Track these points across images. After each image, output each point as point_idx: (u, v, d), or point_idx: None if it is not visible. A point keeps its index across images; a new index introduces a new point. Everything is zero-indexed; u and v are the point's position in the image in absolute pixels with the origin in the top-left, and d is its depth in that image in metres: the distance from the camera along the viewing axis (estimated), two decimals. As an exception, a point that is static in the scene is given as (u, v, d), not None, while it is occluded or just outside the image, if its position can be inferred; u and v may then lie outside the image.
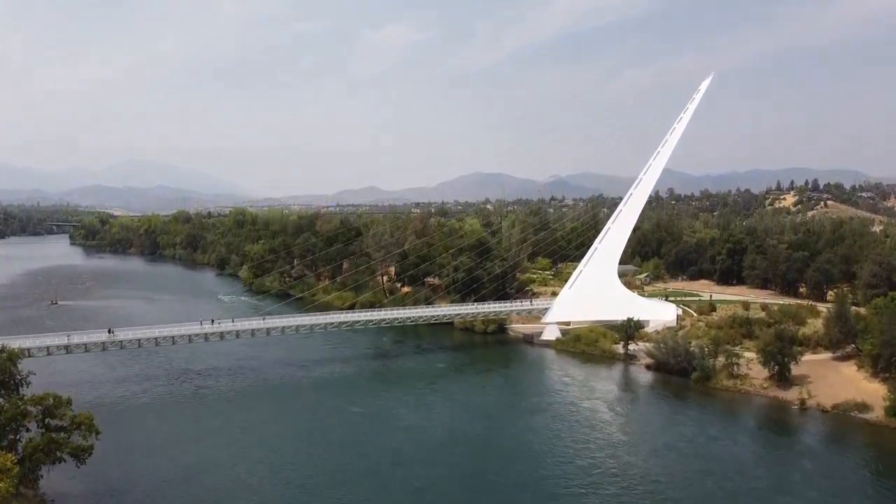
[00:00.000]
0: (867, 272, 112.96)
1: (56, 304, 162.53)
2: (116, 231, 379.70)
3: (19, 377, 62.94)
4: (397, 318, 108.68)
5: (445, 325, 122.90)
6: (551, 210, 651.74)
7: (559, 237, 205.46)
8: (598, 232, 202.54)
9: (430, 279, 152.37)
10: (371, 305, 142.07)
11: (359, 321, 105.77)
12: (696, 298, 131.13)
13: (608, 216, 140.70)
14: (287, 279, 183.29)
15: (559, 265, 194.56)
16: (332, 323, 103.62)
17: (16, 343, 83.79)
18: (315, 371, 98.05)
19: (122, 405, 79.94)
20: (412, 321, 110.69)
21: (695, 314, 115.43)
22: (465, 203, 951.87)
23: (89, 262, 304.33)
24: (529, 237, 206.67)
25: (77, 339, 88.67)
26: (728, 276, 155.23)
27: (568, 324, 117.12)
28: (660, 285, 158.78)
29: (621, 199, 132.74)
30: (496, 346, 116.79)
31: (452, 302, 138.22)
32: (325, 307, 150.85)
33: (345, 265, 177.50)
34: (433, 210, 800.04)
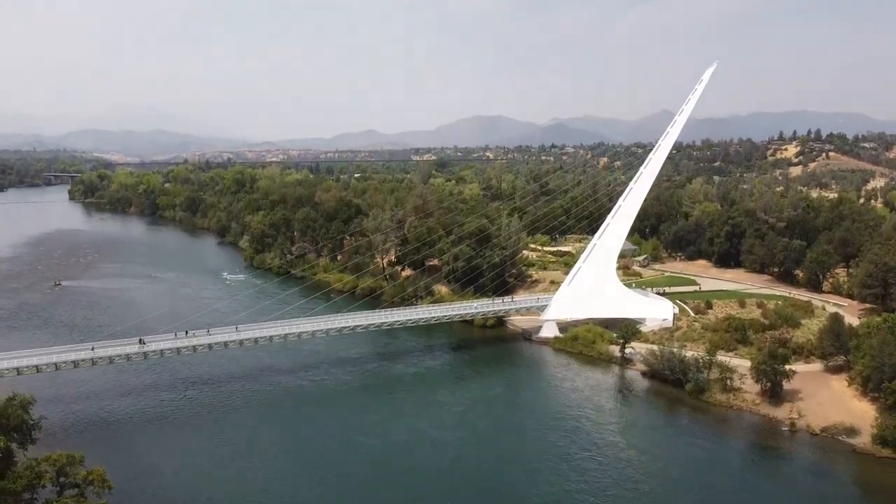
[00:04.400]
0: (863, 272, 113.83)
1: (59, 285, 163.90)
2: (116, 189, 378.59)
3: (32, 422, 65.11)
4: (397, 321, 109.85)
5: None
6: (551, 159, 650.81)
7: (559, 207, 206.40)
8: (597, 202, 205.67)
9: (430, 261, 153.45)
10: (371, 291, 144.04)
11: (360, 325, 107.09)
12: (694, 290, 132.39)
13: (607, 166, 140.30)
14: (288, 255, 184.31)
15: (558, 237, 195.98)
16: (334, 328, 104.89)
17: (43, 359, 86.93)
18: (311, 376, 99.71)
19: (133, 419, 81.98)
20: (413, 322, 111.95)
21: (691, 313, 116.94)
22: (465, 149, 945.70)
23: (90, 226, 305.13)
24: (529, 208, 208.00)
25: (102, 352, 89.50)
26: (726, 259, 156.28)
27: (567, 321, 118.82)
28: (657, 266, 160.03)
29: (622, 145, 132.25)
30: (494, 342, 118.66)
31: (452, 289, 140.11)
32: (325, 287, 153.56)
33: (346, 241, 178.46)
34: (433, 157, 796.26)
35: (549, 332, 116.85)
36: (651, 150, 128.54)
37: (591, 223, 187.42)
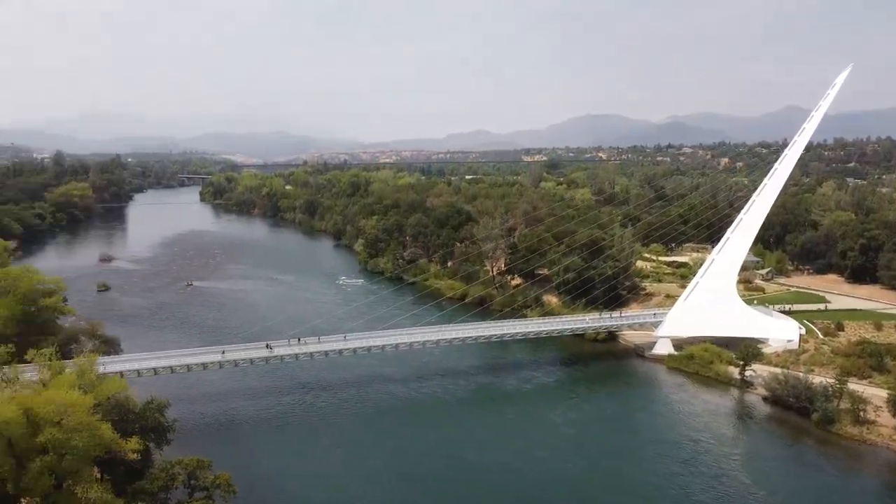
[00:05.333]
0: None
1: (191, 285, 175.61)
2: (241, 192, 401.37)
3: (167, 424, 70.50)
4: (507, 334, 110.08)
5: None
6: (668, 160, 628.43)
7: (674, 214, 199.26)
8: (716, 209, 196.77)
9: (540, 270, 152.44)
10: (481, 300, 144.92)
11: (470, 337, 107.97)
12: (822, 308, 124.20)
13: (729, 168, 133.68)
14: (400, 261, 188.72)
15: (673, 246, 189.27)
16: (445, 339, 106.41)
17: (177, 360, 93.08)
18: (420, 386, 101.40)
19: (254, 421, 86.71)
20: (523, 336, 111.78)
21: (819, 334, 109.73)
22: (577, 149, 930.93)
23: (218, 227, 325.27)
24: (643, 215, 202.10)
25: (231, 355, 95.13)
26: (860, 274, 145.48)
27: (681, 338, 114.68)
28: (782, 281, 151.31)
29: (745, 145, 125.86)
30: (606, 358, 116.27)
31: (562, 301, 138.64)
32: (436, 293, 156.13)
33: (456, 247, 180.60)
34: (543, 157, 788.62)
35: (663, 349, 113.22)
36: (777, 149, 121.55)
37: (709, 232, 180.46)
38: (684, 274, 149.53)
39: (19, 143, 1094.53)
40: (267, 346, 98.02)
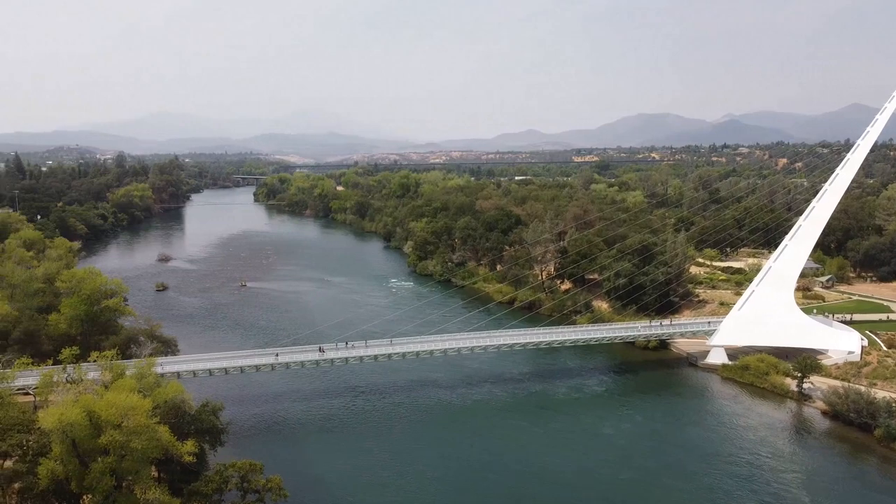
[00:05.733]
0: None
1: (245, 286, 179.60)
2: (294, 193, 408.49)
3: (221, 426, 72.24)
4: (556, 340, 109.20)
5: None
6: (723, 160, 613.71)
7: (730, 217, 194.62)
8: (774, 212, 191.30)
9: (590, 275, 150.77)
10: (530, 304, 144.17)
11: (519, 343, 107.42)
12: (885, 318, 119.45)
13: (787, 169, 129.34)
14: (449, 264, 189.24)
15: (728, 251, 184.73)
16: (493, 346, 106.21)
17: (231, 362, 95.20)
18: (468, 392, 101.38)
19: (304, 424, 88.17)
20: (572, 342, 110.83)
21: (883, 346, 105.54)
22: (629, 149, 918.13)
23: (271, 227, 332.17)
24: (697, 218, 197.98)
25: (284, 358, 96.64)
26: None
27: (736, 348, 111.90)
28: (843, 288, 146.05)
29: (804, 144, 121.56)
30: (657, 366, 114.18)
31: (612, 307, 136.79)
32: (485, 297, 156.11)
33: (505, 251, 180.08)
34: (594, 157, 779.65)
35: (716, 358, 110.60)
36: (839, 150, 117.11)
37: (766, 236, 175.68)
38: (739, 280, 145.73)
39: (84, 144, 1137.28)
40: (319, 349, 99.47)
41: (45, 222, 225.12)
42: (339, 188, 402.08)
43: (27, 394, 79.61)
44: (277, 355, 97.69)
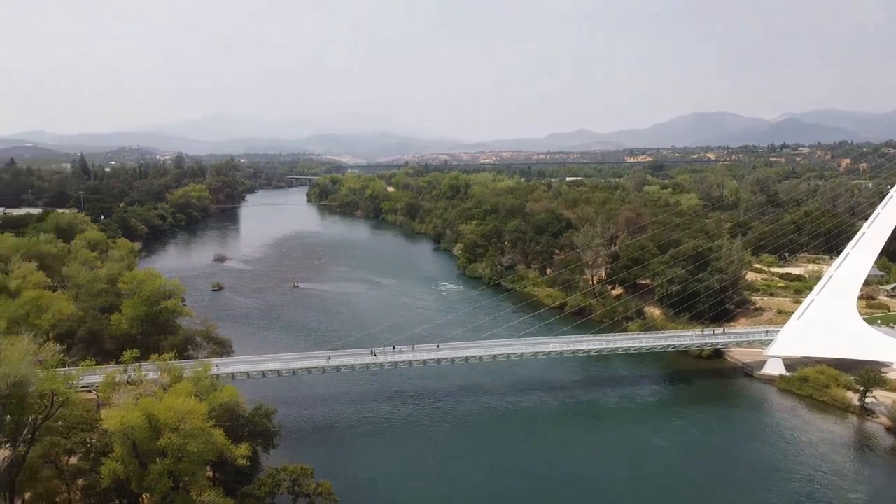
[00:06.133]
0: None
1: (297, 287, 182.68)
2: (345, 194, 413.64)
3: (273, 430, 73.65)
4: (607, 348, 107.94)
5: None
6: (782, 160, 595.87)
7: (788, 221, 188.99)
8: (836, 216, 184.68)
9: (642, 280, 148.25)
10: (580, 309, 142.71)
11: (569, 350, 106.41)
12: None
13: (851, 170, 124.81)
14: (498, 267, 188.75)
15: (787, 257, 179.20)
16: (543, 352, 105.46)
17: (284, 364, 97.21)
18: (516, 398, 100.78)
19: (353, 427, 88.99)
20: (623, 350, 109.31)
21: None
22: (683, 149, 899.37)
23: (322, 228, 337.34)
24: (754, 222, 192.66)
25: (336, 361, 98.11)
26: None
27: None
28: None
29: (870, 144, 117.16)
30: (711, 376, 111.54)
31: (665, 314, 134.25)
32: (534, 301, 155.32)
33: (555, 254, 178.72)
34: (647, 158, 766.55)
35: (773, 369, 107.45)
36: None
37: (827, 241, 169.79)
38: (799, 288, 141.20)
39: (144, 145, 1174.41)
40: (371, 352, 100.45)
41: (108, 222, 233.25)
42: (390, 189, 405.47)
43: (90, 391, 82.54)
44: (329, 358, 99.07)
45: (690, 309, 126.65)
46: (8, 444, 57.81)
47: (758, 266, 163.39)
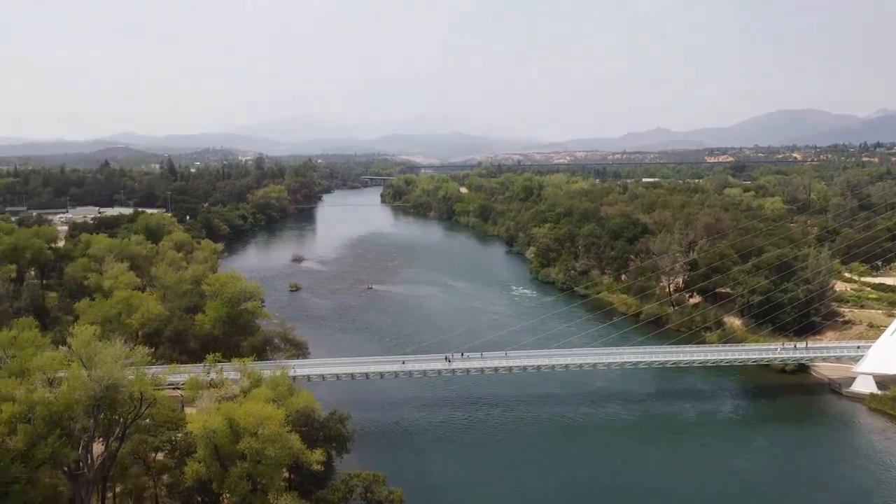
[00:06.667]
0: None
1: (371, 288, 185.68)
2: (419, 195, 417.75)
3: (347, 435, 75.08)
4: (683, 360, 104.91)
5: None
6: (876, 160, 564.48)
7: (882, 227, 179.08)
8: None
9: (721, 288, 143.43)
10: (656, 318, 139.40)
11: (644, 361, 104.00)
12: None
13: None
14: (572, 272, 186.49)
15: (880, 266, 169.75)
16: (616, 363, 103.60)
17: (358, 368, 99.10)
18: (588, 409, 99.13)
19: (423, 434, 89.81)
20: (701, 363, 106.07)
21: None
22: (767, 149, 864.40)
23: (396, 229, 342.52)
24: (844, 229, 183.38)
25: (410, 366, 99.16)
26: None
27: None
28: None
29: None
30: (795, 392, 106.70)
31: (746, 324, 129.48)
32: (608, 307, 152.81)
33: (630, 260, 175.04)
34: (729, 158, 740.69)
35: (864, 386, 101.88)
36: None
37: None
38: (893, 300, 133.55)
39: (228, 146, 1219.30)
40: (446, 358, 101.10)
41: (192, 223, 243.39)
42: (463, 189, 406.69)
43: (176, 388, 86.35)
44: (404, 363, 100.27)
45: (773, 320, 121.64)
46: (102, 440, 61.20)
47: (847, 276, 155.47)
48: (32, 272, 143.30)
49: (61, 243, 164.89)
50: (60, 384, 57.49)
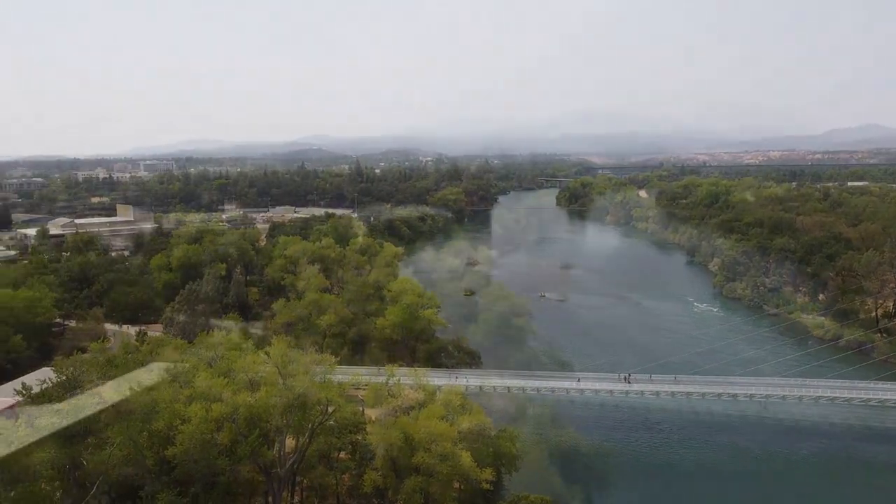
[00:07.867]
0: None
1: (544, 297, 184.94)
2: (595, 199, 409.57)
3: (516, 453, 75.51)
4: (891, 400, 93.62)
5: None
6: None
7: None
8: None
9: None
10: (859, 344, 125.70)
11: (840, 398, 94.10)
12: None
13: None
14: (761, 289, 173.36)
15: None
16: (810, 396, 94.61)
17: (531, 382, 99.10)
18: (781, 446, 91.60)
19: (591, 456, 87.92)
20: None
21: None
22: None
23: (571, 234, 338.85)
24: None
25: (585, 384, 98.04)
26: None
27: None
28: None
29: None
30: None
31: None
32: (802, 333, 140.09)
33: (830, 280, 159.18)
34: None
35: None
36: None
37: None
38: None
39: (409, 146, 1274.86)
40: (625, 378, 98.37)
41: (376, 225, 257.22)
42: (641, 193, 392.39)
43: (357, 388, 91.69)
44: (579, 380, 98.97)
45: None
46: (293, 439, 66.62)
47: None
48: (238, 270, 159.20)
49: (262, 243, 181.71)
50: (259, 387, 63.36)
